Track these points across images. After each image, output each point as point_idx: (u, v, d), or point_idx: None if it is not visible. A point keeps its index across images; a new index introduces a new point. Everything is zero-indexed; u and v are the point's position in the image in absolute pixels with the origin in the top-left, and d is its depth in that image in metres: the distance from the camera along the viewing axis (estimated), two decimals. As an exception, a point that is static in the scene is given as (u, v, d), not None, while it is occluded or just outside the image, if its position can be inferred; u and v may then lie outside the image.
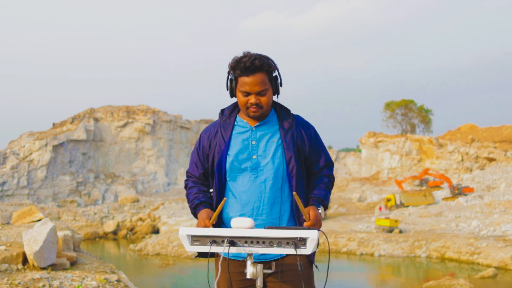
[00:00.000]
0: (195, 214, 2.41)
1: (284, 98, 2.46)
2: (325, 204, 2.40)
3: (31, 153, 39.03)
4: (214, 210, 2.39)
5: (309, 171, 2.48)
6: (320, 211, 2.33)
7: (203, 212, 2.35)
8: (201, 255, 2.32)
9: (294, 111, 2.51)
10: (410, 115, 51.73)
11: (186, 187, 2.54)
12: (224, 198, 2.20)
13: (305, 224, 2.24)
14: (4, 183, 37.26)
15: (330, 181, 2.49)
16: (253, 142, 2.39)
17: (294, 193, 2.16)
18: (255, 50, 2.35)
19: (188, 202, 2.47)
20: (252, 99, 2.32)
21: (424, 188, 35.11)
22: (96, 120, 43.81)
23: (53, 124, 43.70)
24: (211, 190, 2.47)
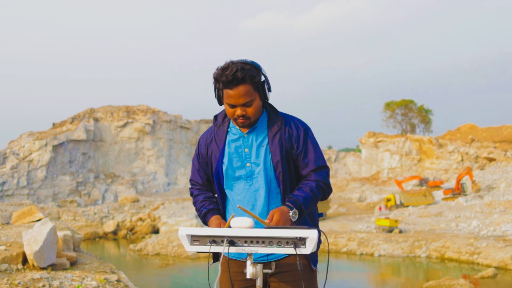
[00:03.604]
0: (205, 223, 2.39)
1: (284, 98, 2.48)
2: (302, 208, 2.23)
3: (31, 153, 39.03)
4: (222, 215, 2.39)
5: (298, 173, 2.39)
6: (291, 213, 2.19)
7: (214, 220, 2.32)
8: (214, 259, 2.38)
9: (294, 111, 2.48)
10: (410, 115, 51.74)
11: (191, 195, 2.52)
12: (233, 214, 2.13)
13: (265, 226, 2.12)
14: (4, 183, 37.26)
15: (318, 186, 2.31)
16: (246, 150, 2.36)
17: (238, 205, 2.12)
18: (255, 50, 2.34)
19: (196, 210, 2.46)
20: (238, 111, 2.28)
21: (424, 188, 35.11)
22: (96, 120, 43.81)
23: (53, 124, 43.71)
24: (216, 195, 2.47)
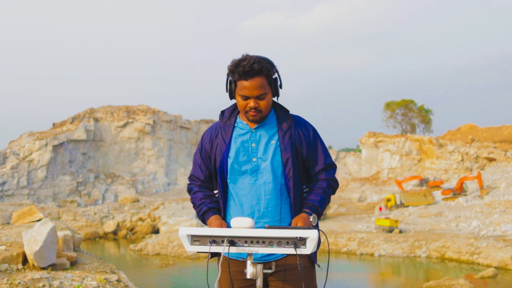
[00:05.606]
0: (204, 221, 2.40)
1: (285, 98, 2.46)
2: (319, 211, 2.35)
3: (31, 153, 39.03)
4: (221, 211, 2.40)
5: (308, 172, 2.45)
6: (311, 218, 2.30)
7: (214, 220, 2.34)
8: (212, 255, 2.35)
9: (294, 111, 2.49)
10: (410, 115, 51.71)
11: (190, 191, 2.51)
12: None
13: None
14: (4, 183, 37.25)
15: (329, 185, 2.42)
16: (253, 145, 2.38)
17: (266, 226, 2.12)
18: (256, 50, 2.37)
19: (194, 207, 2.45)
20: (251, 103, 2.31)
21: (424, 188, 35.10)
22: (96, 120, 43.81)
23: (53, 124, 43.70)
24: (215, 192, 2.46)
